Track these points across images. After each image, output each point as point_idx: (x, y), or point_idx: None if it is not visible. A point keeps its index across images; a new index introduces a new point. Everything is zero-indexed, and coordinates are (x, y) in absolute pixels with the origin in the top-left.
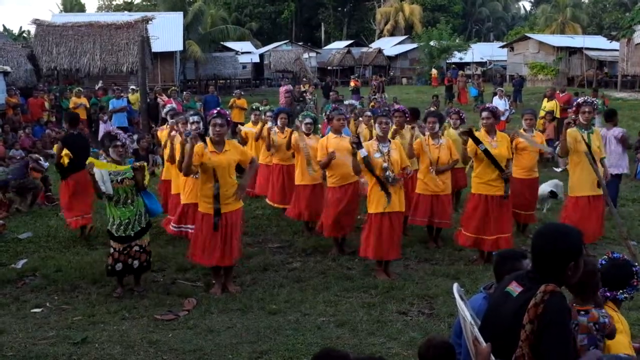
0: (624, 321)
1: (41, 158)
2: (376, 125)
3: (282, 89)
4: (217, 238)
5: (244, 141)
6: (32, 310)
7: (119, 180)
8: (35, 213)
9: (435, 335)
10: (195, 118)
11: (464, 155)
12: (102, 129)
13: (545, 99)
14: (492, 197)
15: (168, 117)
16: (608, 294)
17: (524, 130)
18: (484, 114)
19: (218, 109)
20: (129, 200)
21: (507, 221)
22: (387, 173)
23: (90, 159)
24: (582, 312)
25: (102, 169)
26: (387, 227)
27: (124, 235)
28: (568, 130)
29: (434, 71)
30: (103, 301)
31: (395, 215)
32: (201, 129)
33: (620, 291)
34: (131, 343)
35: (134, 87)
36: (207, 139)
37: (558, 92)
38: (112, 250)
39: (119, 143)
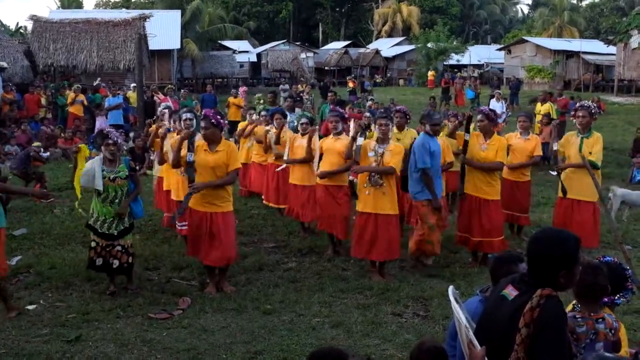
0: (622, 328)
1: (41, 149)
2: (376, 127)
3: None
4: (202, 235)
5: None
6: (25, 307)
7: (110, 178)
8: (30, 210)
9: (426, 339)
10: (189, 115)
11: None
12: (99, 125)
13: (539, 103)
14: (477, 198)
15: (165, 116)
16: (606, 299)
17: (520, 133)
18: (479, 116)
19: (208, 109)
20: (117, 200)
21: (496, 226)
22: (371, 174)
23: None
24: (600, 320)
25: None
26: (371, 227)
27: (107, 232)
28: (567, 134)
29: (430, 73)
30: (97, 299)
31: (383, 217)
32: (194, 127)
33: (617, 295)
34: (125, 341)
35: (135, 84)
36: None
37: (554, 96)
38: (93, 244)
39: (110, 141)
